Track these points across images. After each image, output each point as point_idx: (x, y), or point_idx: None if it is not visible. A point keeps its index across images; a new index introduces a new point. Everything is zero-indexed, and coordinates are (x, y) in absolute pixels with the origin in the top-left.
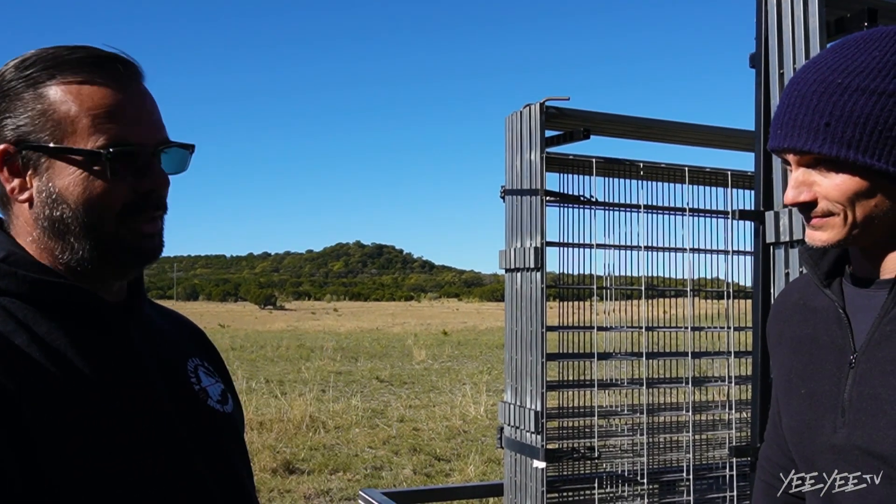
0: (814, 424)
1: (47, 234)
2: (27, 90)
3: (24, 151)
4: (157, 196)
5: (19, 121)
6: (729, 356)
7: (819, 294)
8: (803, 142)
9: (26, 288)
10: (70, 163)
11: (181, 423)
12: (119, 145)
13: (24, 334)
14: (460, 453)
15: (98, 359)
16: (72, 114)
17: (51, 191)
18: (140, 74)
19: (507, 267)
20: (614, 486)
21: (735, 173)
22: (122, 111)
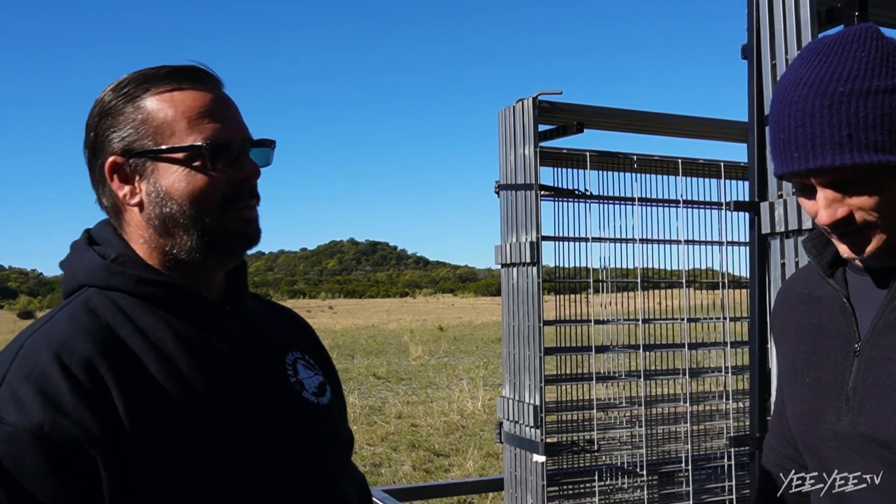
0: (818, 413)
1: (158, 233)
2: (126, 105)
3: (131, 160)
4: (250, 185)
5: (123, 133)
6: (725, 346)
7: (823, 284)
8: (831, 158)
9: (133, 285)
10: (173, 162)
11: (271, 413)
12: (214, 140)
13: (129, 326)
14: (459, 448)
15: (195, 350)
16: (169, 118)
17: (158, 191)
18: (220, 81)
19: (503, 262)
20: (614, 478)
21: (728, 164)
22: (212, 111)
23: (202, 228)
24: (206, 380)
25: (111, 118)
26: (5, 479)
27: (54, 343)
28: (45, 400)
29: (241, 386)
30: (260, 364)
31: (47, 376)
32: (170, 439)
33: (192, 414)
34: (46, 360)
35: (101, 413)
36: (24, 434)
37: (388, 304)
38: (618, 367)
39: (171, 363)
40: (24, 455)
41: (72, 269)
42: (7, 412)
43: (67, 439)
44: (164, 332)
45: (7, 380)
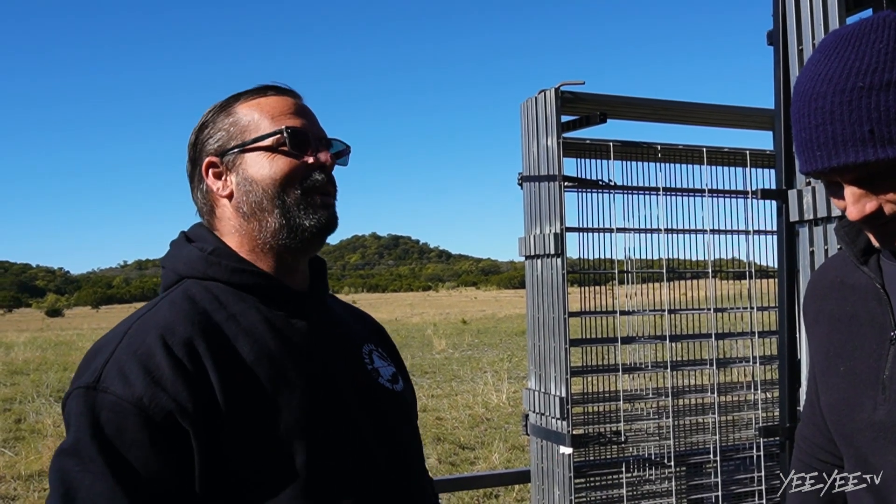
0: (853, 402)
1: (247, 219)
2: (220, 115)
3: (224, 158)
4: (327, 171)
5: (217, 137)
6: (752, 336)
7: (856, 271)
8: (854, 155)
9: (227, 274)
10: (257, 150)
11: (354, 395)
12: (294, 127)
13: (223, 312)
14: (484, 441)
15: (282, 333)
16: (255, 118)
17: (245, 179)
18: (301, 97)
19: (527, 254)
20: (641, 469)
21: (754, 152)
22: (293, 111)
23: (282, 208)
24: (294, 362)
25: (208, 129)
26: (106, 443)
27: (159, 326)
28: (147, 375)
29: (325, 369)
30: (340, 349)
31: (151, 354)
32: (259, 413)
33: (282, 394)
34: (151, 339)
35: (197, 390)
36: (127, 404)
37: (410, 297)
38: (644, 358)
39: (261, 345)
40: (125, 423)
41: (172, 263)
42: (112, 383)
43: (163, 412)
44: (255, 316)
45: (115, 355)
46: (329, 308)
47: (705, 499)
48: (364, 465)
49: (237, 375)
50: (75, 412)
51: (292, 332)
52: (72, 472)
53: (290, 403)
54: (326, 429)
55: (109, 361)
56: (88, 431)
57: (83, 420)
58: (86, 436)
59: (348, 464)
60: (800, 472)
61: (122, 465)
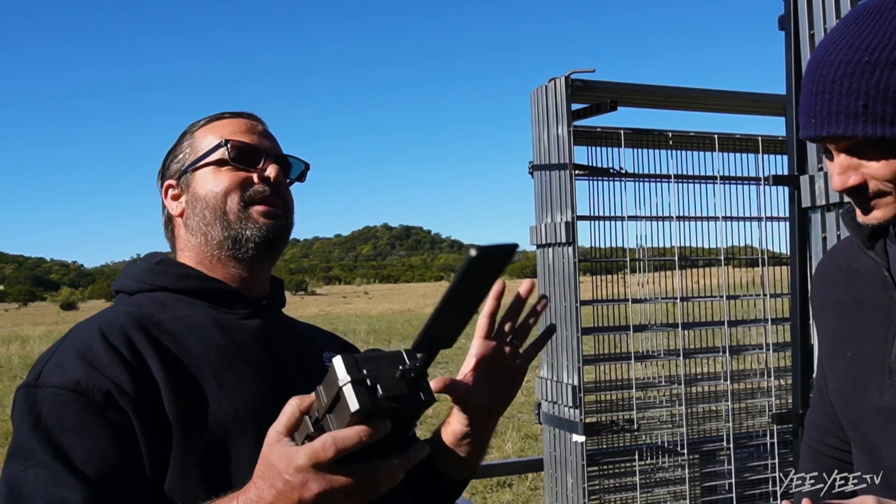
0: (861, 387)
1: (193, 234)
2: (182, 140)
3: (180, 179)
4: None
5: (176, 160)
6: (765, 323)
7: (863, 256)
8: (844, 127)
9: (174, 280)
10: (206, 167)
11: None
12: (235, 141)
13: (168, 313)
14: (497, 430)
15: (233, 332)
16: (208, 140)
17: (193, 196)
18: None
19: (539, 243)
20: (655, 457)
21: (766, 139)
22: (244, 130)
23: (227, 222)
24: (244, 356)
25: (171, 154)
26: (46, 434)
27: (98, 321)
28: (83, 361)
29: (278, 365)
30: (297, 353)
31: (88, 344)
32: (202, 403)
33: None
34: (90, 334)
35: (135, 374)
36: (64, 391)
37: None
38: (656, 347)
39: (207, 339)
40: (65, 411)
41: (122, 284)
42: (51, 377)
43: (101, 392)
44: (203, 318)
45: (56, 354)
46: (285, 319)
47: (719, 486)
48: None
49: (179, 366)
50: (18, 412)
51: (243, 331)
52: (16, 472)
53: (238, 392)
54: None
55: (50, 360)
56: (29, 427)
57: (25, 418)
58: (27, 432)
59: None
60: (807, 461)
61: (62, 450)
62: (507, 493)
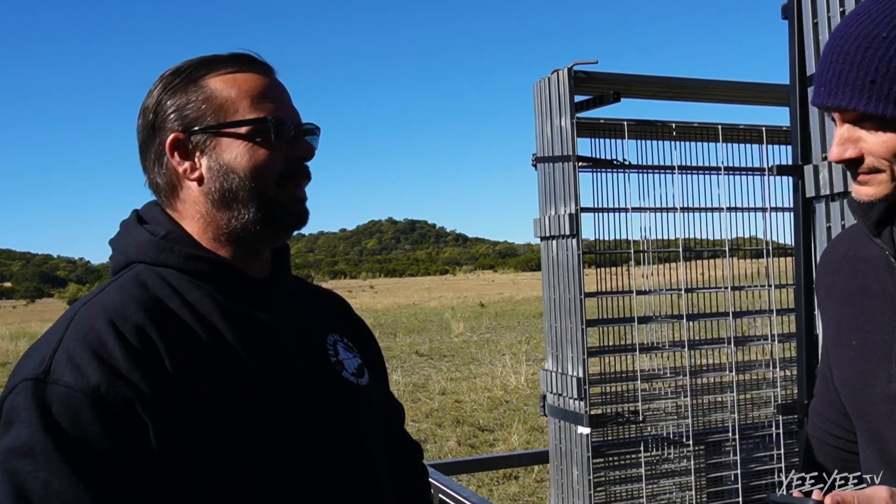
0: (867, 375)
1: (216, 207)
2: (188, 86)
3: (193, 136)
4: (304, 164)
5: (184, 111)
6: (771, 314)
7: (869, 244)
8: (848, 100)
9: (181, 260)
10: (236, 137)
11: (313, 391)
12: (277, 118)
13: (177, 299)
14: (503, 423)
15: (240, 324)
16: (233, 96)
17: (221, 165)
18: (274, 69)
19: (543, 235)
20: (660, 448)
21: (770, 129)
22: (272, 92)
23: (260, 201)
24: (251, 352)
25: (172, 98)
26: (60, 438)
27: (107, 311)
28: (100, 363)
29: (283, 359)
30: (302, 342)
31: (102, 340)
32: (218, 404)
33: (239, 382)
34: (101, 325)
35: (153, 376)
36: (81, 395)
37: (428, 281)
38: (661, 338)
39: (217, 334)
40: (80, 416)
41: (121, 246)
42: (63, 374)
43: (122, 401)
44: (210, 305)
45: (63, 343)
46: (292, 296)
47: (724, 477)
48: (324, 461)
49: (191, 367)
50: (24, 407)
51: (251, 325)
52: (22, 472)
53: (246, 396)
54: (284, 423)
55: (58, 351)
56: (40, 427)
57: (33, 415)
58: (38, 432)
59: (307, 458)
60: (811, 451)
61: (79, 459)
62: (513, 485)
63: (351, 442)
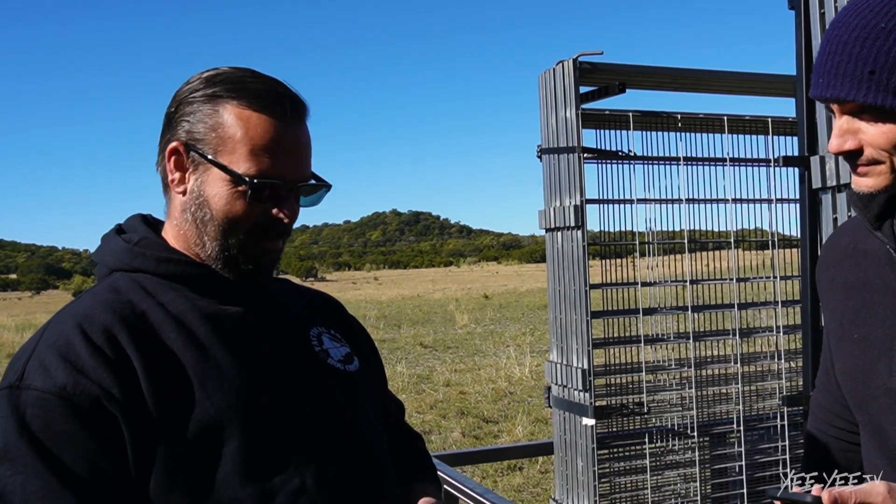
0: (868, 368)
1: (189, 224)
2: (207, 103)
3: (191, 152)
4: (283, 224)
5: (193, 127)
6: (776, 306)
7: (870, 237)
8: (847, 91)
9: (154, 264)
10: (222, 176)
11: (295, 377)
12: (266, 177)
13: (149, 301)
14: (508, 414)
15: (214, 322)
16: (236, 137)
17: (200, 193)
18: (305, 114)
19: (548, 226)
20: (664, 440)
21: (776, 120)
22: (277, 146)
23: (225, 243)
24: (226, 347)
25: (189, 107)
26: (33, 440)
27: (76, 316)
28: (67, 364)
29: (261, 353)
30: (281, 336)
31: (69, 343)
32: (187, 400)
33: (212, 379)
34: (69, 329)
35: (120, 374)
36: (50, 396)
37: (432, 273)
38: (666, 330)
39: (189, 332)
40: (51, 416)
41: (101, 257)
42: (34, 379)
43: (89, 398)
44: (184, 305)
45: (36, 351)
46: (271, 295)
47: (729, 468)
48: (309, 445)
49: (162, 363)
50: (1, 416)
51: (224, 318)
52: (3, 478)
53: (221, 387)
54: (263, 411)
55: (31, 358)
56: (15, 431)
57: (9, 421)
58: (13, 436)
59: (291, 444)
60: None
61: (53, 459)
62: (517, 476)
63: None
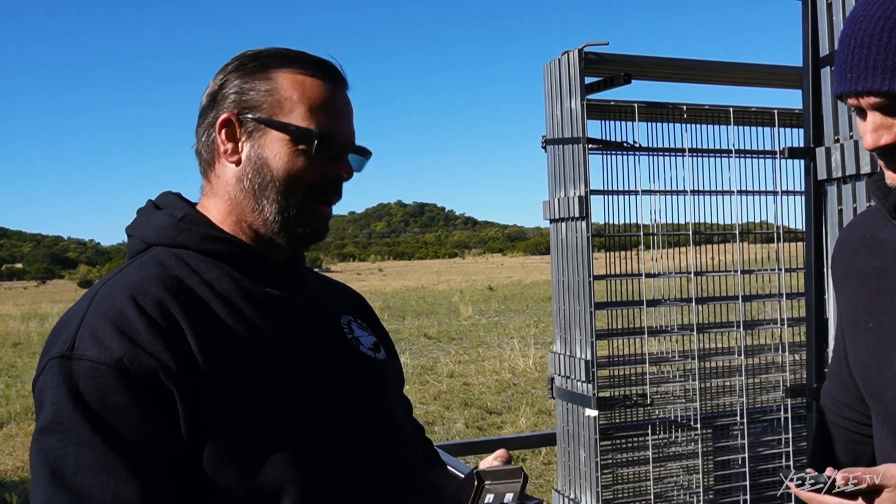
0: (883, 358)
1: (245, 193)
2: (259, 71)
3: (245, 120)
4: (340, 184)
5: (245, 95)
6: (780, 298)
7: (887, 226)
8: (880, 82)
9: (199, 241)
10: (282, 136)
11: (335, 362)
12: (325, 131)
13: (195, 278)
14: (511, 406)
15: (258, 302)
16: (294, 98)
17: (259, 157)
18: (348, 84)
19: (552, 217)
20: (667, 432)
21: (782, 111)
22: (332, 106)
23: (284, 206)
24: (272, 328)
25: (241, 78)
26: (88, 411)
27: (127, 287)
28: (122, 336)
29: (304, 336)
30: (317, 319)
31: (124, 315)
32: (239, 378)
33: (261, 356)
34: (122, 300)
35: (176, 349)
36: (105, 368)
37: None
38: (670, 321)
39: (238, 312)
40: (105, 388)
41: (139, 231)
42: (87, 349)
43: (146, 371)
44: (229, 284)
45: (86, 321)
46: (306, 280)
47: (732, 461)
48: (350, 431)
49: (214, 338)
50: (51, 385)
51: (268, 300)
52: (53, 449)
53: (271, 368)
54: (310, 394)
55: (81, 328)
56: (68, 402)
57: (61, 391)
58: (66, 407)
59: (334, 429)
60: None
61: (108, 431)
62: None
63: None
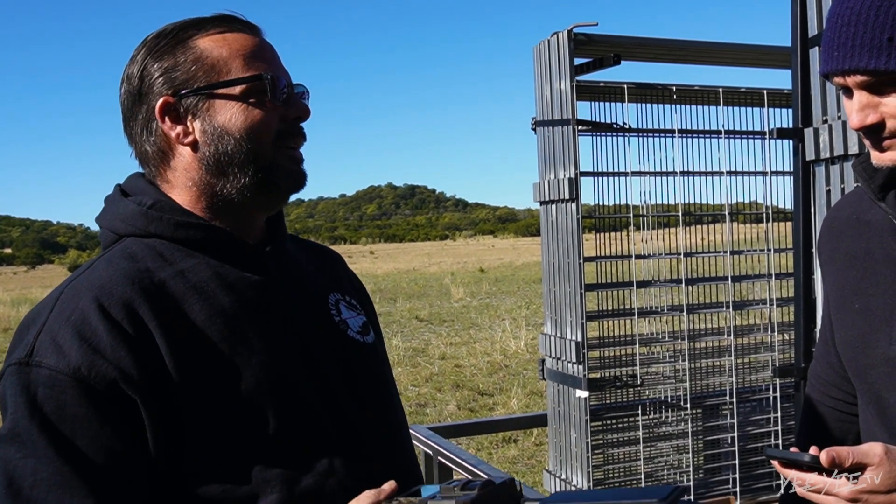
0: (868, 338)
1: (210, 173)
2: (175, 47)
3: (184, 99)
4: (301, 121)
5: (173, 74)
6: (770, 279)
7: (873, 207)
8: (866, 60)
9: (171, 229)
10: (230, 98)
11: (320, 349)
12: (273, 75)
13: (169, 269)
14: (503, 387)
15: (237, 290)
16: (224, 56)
17: (215, 128)
18: (263, 30)
19: (542, 199)
20: (658, 412)
21: (771, 92)
22: (264, 53)
23: (257, 164)
24: (251, 319)
25: (159, 61)
26: (45, 422)
27: (93, 287)
28: (83, 342)
29: (287, 325)
30: (303, 306)
31: (86, 319)
32: (216, 377)
33: (240, 354)
34: (85, 303)
35: (141, 354)
36: (63, 377)
37: (428, 247)
38: (660, 302)
39: (212, 302)
40: (63, 398)
41: (108, 221)
42: (46, 356)
43: (105, 380)
44: (205, 273)
45: (47, 325)
46: (290, 258)
47: (721, 440)
48: (337, 422)
49: (187, 338)
50: (10, 393)
51: (247, 287)
52: (13, 460)
53: (249, 363)
54: (293, 387)
55: (42, 332)
56: (26, 413)
57: (19, 400)
58: (23, 417)
59: (320, 421)
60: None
61: (66, 444)
62: (512, 448)
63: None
